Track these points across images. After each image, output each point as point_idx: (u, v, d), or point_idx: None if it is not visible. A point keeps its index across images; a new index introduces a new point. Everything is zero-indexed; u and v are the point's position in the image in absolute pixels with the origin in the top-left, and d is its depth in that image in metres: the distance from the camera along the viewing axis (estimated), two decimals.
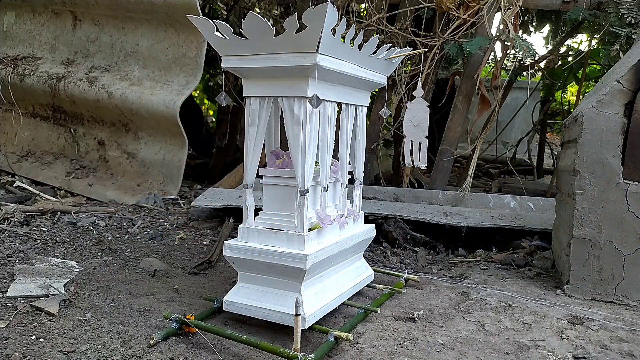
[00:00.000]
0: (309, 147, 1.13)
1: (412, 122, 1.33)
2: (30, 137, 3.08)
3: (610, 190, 1.39)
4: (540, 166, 3.85)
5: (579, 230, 1.42)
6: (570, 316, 1.29)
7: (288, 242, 1.17)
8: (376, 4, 2.51)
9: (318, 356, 1.03)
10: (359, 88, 1.35)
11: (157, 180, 2.71)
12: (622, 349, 1.14)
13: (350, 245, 1.36)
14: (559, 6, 2.48)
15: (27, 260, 1.64)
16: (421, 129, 1.35)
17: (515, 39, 2.10)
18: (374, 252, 1.97)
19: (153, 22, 2.69)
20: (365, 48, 1.24)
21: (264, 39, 1.07)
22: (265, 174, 1.24)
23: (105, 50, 2.86)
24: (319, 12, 0.98)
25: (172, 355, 1.07)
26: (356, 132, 1.40)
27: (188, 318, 1.16)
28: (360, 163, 1.45)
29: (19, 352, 1.06)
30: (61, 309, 1.29)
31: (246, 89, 1.19)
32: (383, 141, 3.15)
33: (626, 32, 2.06)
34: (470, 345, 1.17)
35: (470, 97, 2.55)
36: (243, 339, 1.08)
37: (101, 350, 1.08)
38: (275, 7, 3.23)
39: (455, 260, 1.92)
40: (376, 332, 1.22)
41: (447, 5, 2.25)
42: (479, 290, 1.50)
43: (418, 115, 1.31)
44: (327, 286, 1.27)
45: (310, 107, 1.10)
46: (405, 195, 2.39)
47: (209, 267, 1.73)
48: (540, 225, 1.95)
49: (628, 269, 1.38)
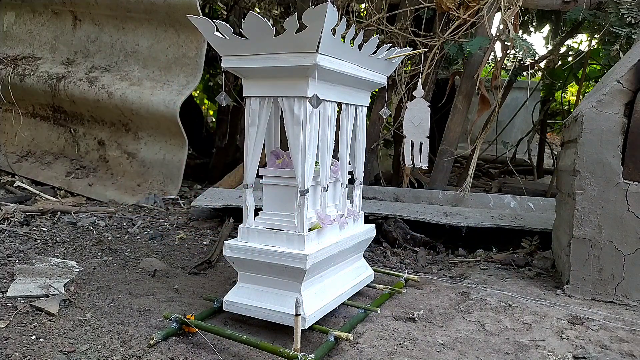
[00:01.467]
0: (309, 147, 1.13)
1: (413, 122, 1.32)
2: (30, 137, 3.08)
3: (610, 190, 1.39)
4: (540, 166, 3.85)
5: (579, 230, 1.42)
6: (570, 316, 1.29)
7: (288, 242, 1.17)
8: (376, 4, 2.51)
9: (318, 356, 1.03)
10: (359, 88, 1.35)
11: (157, 180, 2.71)
12: (622, 349, 1.14)
13: (350, 245, 1.36)
14: (559, 6, 2.48)
15: (27, 260, 1.64)
16: (422, 129, 1.34)
17: (515, 39, 2.10)
18: (374, 252, 1.97)
19: (153, 22, 2.69)
20: (365, 48, 1.24)
21: (264, 39, 1.07)
22: (266, 174, 1.24)
23: (105, 50, 2.86)
24: (319, 12, 0.98)
25: (172, 355, 1.07)
26: (356, 132, 1.40)
27: (188, 318, 1.16)
28: (360, 163, 1.45)
29: (19, 352, 1.06)
30: (61, 309, 1.29)
31: (246, 89, 1.19)
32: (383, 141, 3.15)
33: (626, 32, 2.06)
34: (470, 345, 1.17)
35: (470, 97, 2.55)
36: (243, 339, 1.08)
37: (101, 350, 1.08)
38: (275, 7, 3.23)
39: (455, 260, 1.92)
40: (376, 332, 1.22)
41: (447, 5, 2.25)
42: (479, 290, 1.50)
43: (419, 115, 1.31)
44: (327, 286, 1.27)
45: (310, 107, 1.10)
46: (405, 195, 2.39)
47: (209, 267, 1.73)
48: (540, 225, 1.95)
49: (628, 269, 1.38)
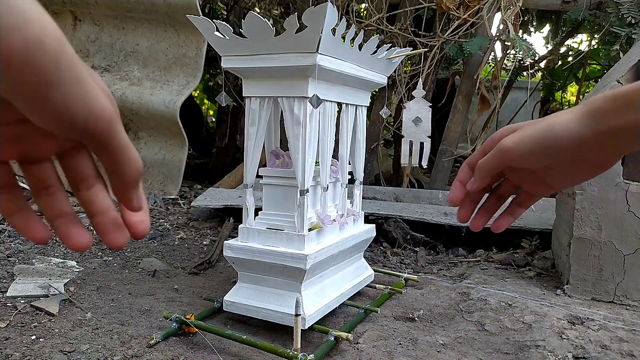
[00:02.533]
0: (309, 147, 1.13)
1: (413, 122, 1.32)
2: None
3: (610, 190, 1.39)
4: None
5: (579, 230, 1.42)
6: (570, 316, 1.29)
7: (288, 242, 1.17)
8: (376, 4, 2.51)
9: (318, 356, 1.03)
10: (359, 88, 1.35)
11: (157, 180, 2.71)
12: (622, 349, 1.14)
13: (350, 245, 1.36)
14: (559, 6, 2.49)
15: (27, 260, 1.64)
16: (423, 129, 1.34)
17: (515, 39, 2.10)
18: (374, 252, 1.97)
19: (153, 22, 2.69)
20: (365, 48, 1.24)
21: (264, 39, 1.07)
22: (266, 174, 1.24)
23: (105, 50, 2.86)
24: (319, 12, 0.98)
25: (172, 355, 1.07)
26: (356, 132, 1.40)
27: (188, 318, 1.16)
28: (360, 163, 1.45)
29: (19, 352, 1.06)
30: (61, 309, 1.29)
31: (246, 89, 1.19)
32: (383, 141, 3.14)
33: (626, 32, 2.06)
34: (470, 345, 1.17)
35: (470, 97, 2.55)
36: (243, 339, 1.08)
37: (101, 350, 1.08)
38: (275, 7, 3.23)
39: (455, 260, 1.92)
40: (376, 332, 1.22)
41: (447, 5, 2.25)
42: (479, 290, 1.50)
43: (420, 115, 1.31)
44: (327, 286, 1.27)
45: (310, 107, 1.10)
46: (405, 195, 2.39)
47: (209, 267, 1.73)
48: (540, 225, 1.95)
49: (628, 269, 1.38)
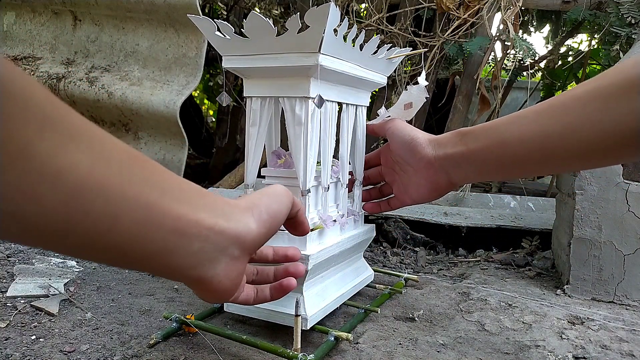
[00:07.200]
0: (310, 147, 1.13)
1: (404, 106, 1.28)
2: None
3: (610, 190, 1.39)
4: None
5: (579, 230, 1.42)
6: (570, 316, 1.29)
7: (290, 242, 1.17)
8: (376, 4, 2.51)
9: (318, 356, 1.03)
10: (359, 88, 1.35)
11: None
12: (622, 349, 1.14)
13: (351, 246, 1.36)
14: (559, 6, 2.49)
15: (27, 260, 1.64)
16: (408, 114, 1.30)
17: (515, 39, 2.10)
18: (374, 252, 1.97)
19: (153, 22, 2.69)
20: (366, 48, 1.24)
21: (266, 38, 1.07)
22: (268, 174, 1.24)
23: (105, 50, 2.86)
24: (322, 12, 0.98)
25: (172, 355, 1.07)
26: (356, 132, 1.40)
27: (188, 318, 1.16)
28: (361, 163, 1.45)
29: (19, 352, 1.06)
30: (61, 309, 1.29)
31: (247, 89, 1.19)
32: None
33: (626, 32, 2.06)
34: (470, 345, 1.17)
35: (470, 97, 2.55)
36: (243, 339, 1.08)
37: (101, 350, 1.08)
38: (276, 7, 3.23)
39: (455, 260, 1.92)
40: (376, 332, 1.22)
41: (447, 5, 2.25)
42: (479, 290, 1.50)
43: (414, 102, 1.28)
44: (328, 286, 1.27)
45: (312, 108, 1.10)
46: None
47: None
48: (540, 225, 1.95)
49: (628, 269, 1.39)
